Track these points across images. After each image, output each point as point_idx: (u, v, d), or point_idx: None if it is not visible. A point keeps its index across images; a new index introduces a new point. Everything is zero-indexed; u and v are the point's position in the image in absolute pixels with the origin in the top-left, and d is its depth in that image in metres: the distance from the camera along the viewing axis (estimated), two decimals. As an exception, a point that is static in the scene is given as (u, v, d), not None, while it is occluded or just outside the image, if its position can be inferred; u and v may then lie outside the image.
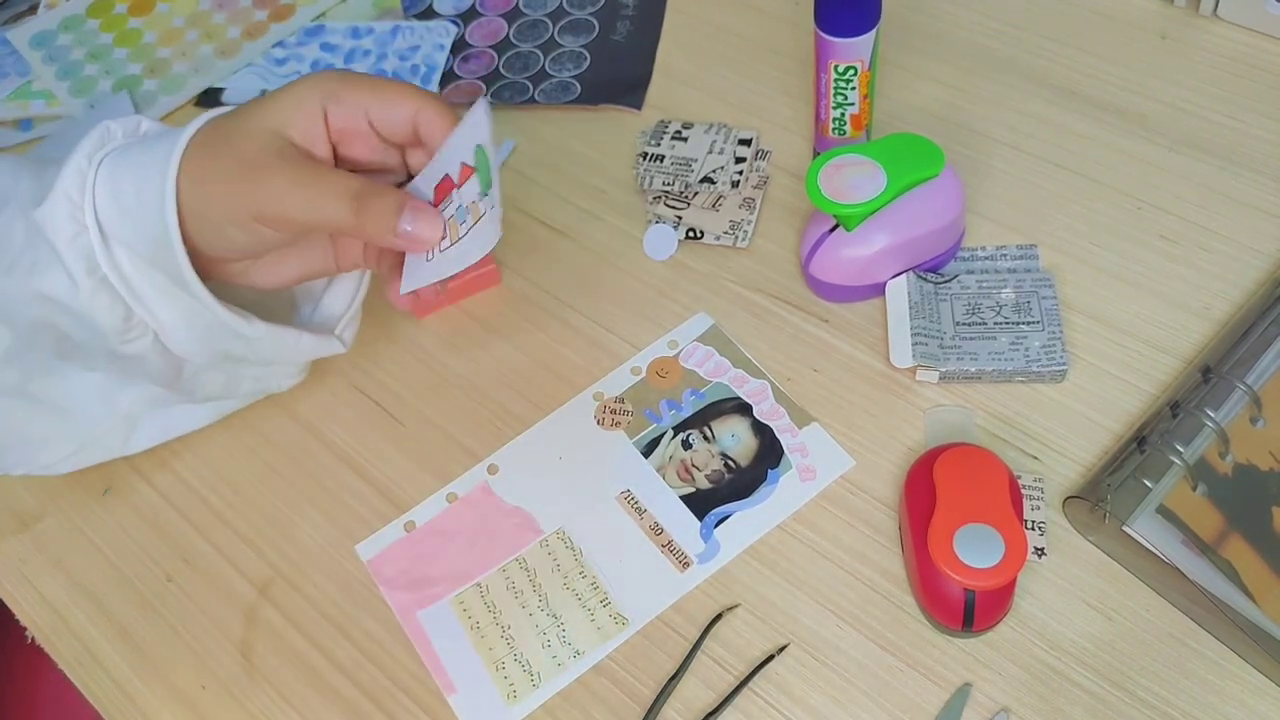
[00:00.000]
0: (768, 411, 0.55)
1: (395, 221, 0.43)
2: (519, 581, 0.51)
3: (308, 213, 0.42)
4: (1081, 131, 0.64)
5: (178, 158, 0.43)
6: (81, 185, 0.43)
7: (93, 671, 0.51)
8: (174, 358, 0.48)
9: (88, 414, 0.51)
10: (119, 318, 0.45)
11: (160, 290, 0.45)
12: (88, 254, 0.43)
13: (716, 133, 0.65)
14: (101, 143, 0.45)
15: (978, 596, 0.45)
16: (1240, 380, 0.49)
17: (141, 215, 0.43)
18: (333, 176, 0.43)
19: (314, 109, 0.44)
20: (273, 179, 0.42)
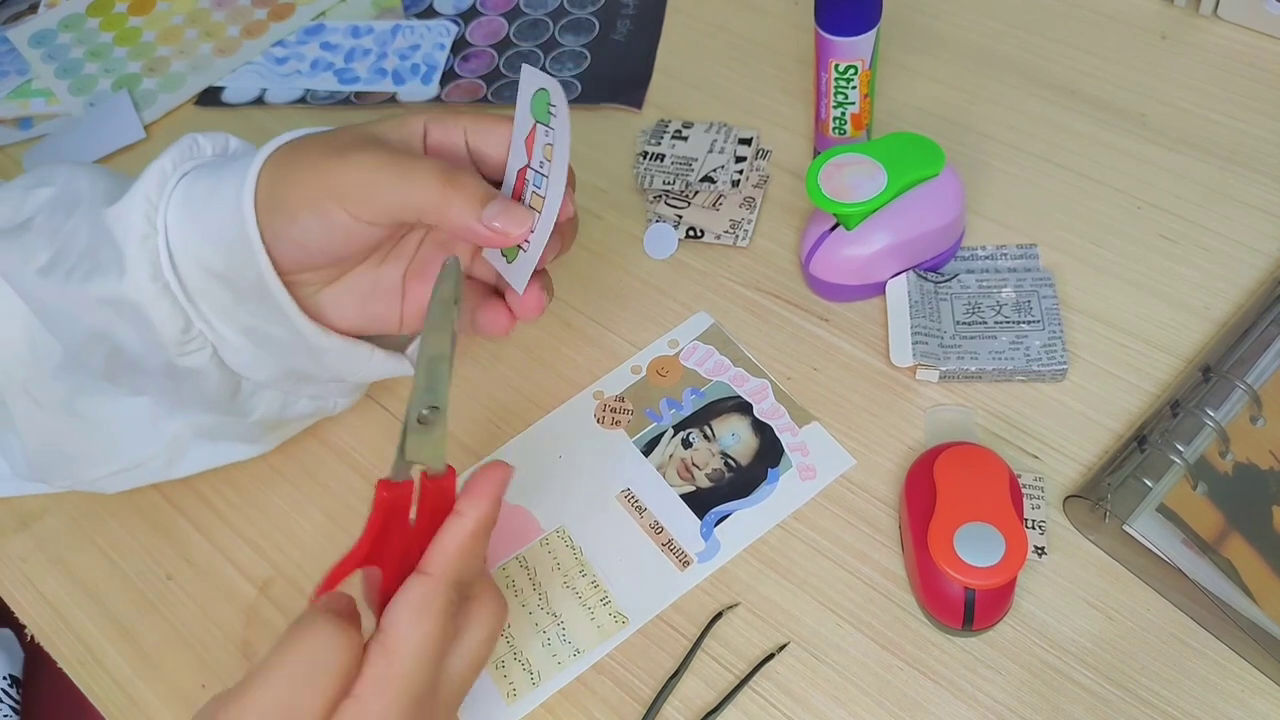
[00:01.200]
0: (768, 410, 0.55)
1: (480, 208, 0.41)
2: (519, 580, 0.51)
3: (394, 188, 0.41)
4: (1081, 131, 0.64)
5: (266, 151, 0.42)
6: (161, 186, 0.43)
7: (93, 670, 0.51)
8: (231, 374, 0.47)
9: (132, 438, 0.50)
10: (178, 328, 0.43)
11: (222, 310, 0.44)
12: (154, 258, 0.42)
13: (717, 132, 0.65)
14: (190, 154, 0.44)
15: (978, 595, 0.45)
16: (1240, 379, 0.49)
17: (214, 216, 0.42)
18: (417, 161, 0.42)
19: (415, 127, 0.44)
20: (360, 156, 0.41)
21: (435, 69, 0.74)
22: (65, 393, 0.48)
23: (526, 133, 0.43)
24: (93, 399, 0.48)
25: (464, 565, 0.39)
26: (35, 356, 0.47)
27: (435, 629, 0.37)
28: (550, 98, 0.42)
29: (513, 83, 0.73)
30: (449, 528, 0.39)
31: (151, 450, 0.50)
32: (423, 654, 0.37)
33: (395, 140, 0.43)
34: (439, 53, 0.75)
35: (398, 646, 0.37)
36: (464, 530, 0.39)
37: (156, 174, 0.43)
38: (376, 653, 0.37)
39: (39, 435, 0.49)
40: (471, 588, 0.40)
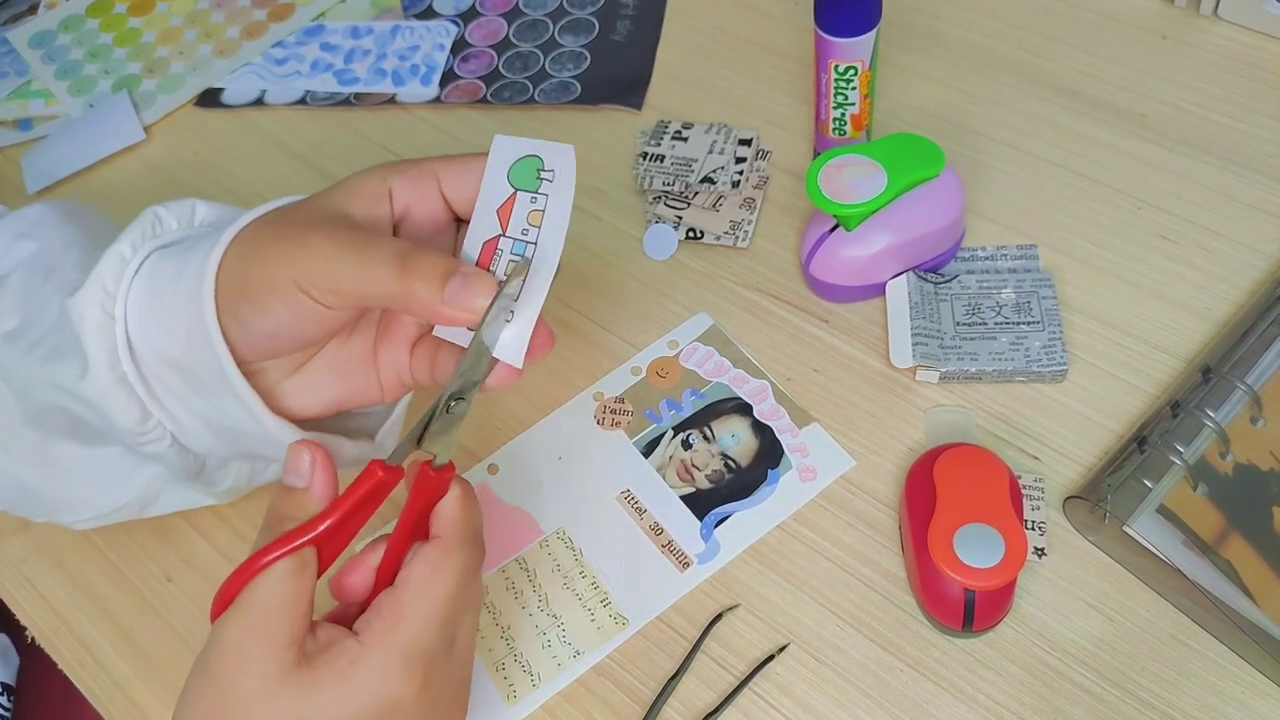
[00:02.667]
0: (768, 411, 0.55)
1: (441, 286, 0.38)
2: (519, 582, 0.51)
3: (352, 276, 0.38)
4: (1081, 131, 0.64)
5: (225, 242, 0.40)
6: (119, 275, 0.41)
7: (93, 672, 0.51)
8: (193, 456, 0.45)
9: (105, 486, 0.49)
10: (134, 419, 0.42)
11: (181, 399, 0.42)
12: (110, 348, 0.41)
13: (716, 133, 0.65)
14: (152, 232, 0.42)
15: (978, 596, 0.45)
16: (1240, 380, 0.49)
17: (175, 308, 0.40)
18: (381, 240, 0.39)
19: (378, 190, 0.41)
20: (321, 242, 0.38)
21: (435, 70, 0.74)
22: (36, 442, 0.47)
23: (500, 203, 0.41)
24: (64, 448, 0.48)
25: (470, 525, 0.39)
26: (3, 407, 0.46)
27: (451, 587, 0.37)
28: (543, 163, 0.40)
29: (513, 83, 0.73)
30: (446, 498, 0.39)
31: (125, 499, 0.50)
32: (435, 610, 0.37)
33: (361, 212, 0.40)
34: (438, 53, 0.75)
35: (410, 598, 0.37)
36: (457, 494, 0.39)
37: (115, 260, 0.41)
38: (387, 604, 0.37)
39: (12, 484, 0.49)
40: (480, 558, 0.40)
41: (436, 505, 0.39)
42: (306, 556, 0.36)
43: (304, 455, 0.38)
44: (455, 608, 0.38)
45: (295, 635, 0.35)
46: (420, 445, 0.38)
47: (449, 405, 0.39)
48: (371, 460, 0.38)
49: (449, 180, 0.41)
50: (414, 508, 0.38)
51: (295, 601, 0.36)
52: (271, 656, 0.35)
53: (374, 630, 0.36)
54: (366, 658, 0.36)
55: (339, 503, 0.37)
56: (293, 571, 0.36)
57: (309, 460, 0.38)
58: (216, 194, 0.70)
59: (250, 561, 0.36)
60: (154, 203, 0.44)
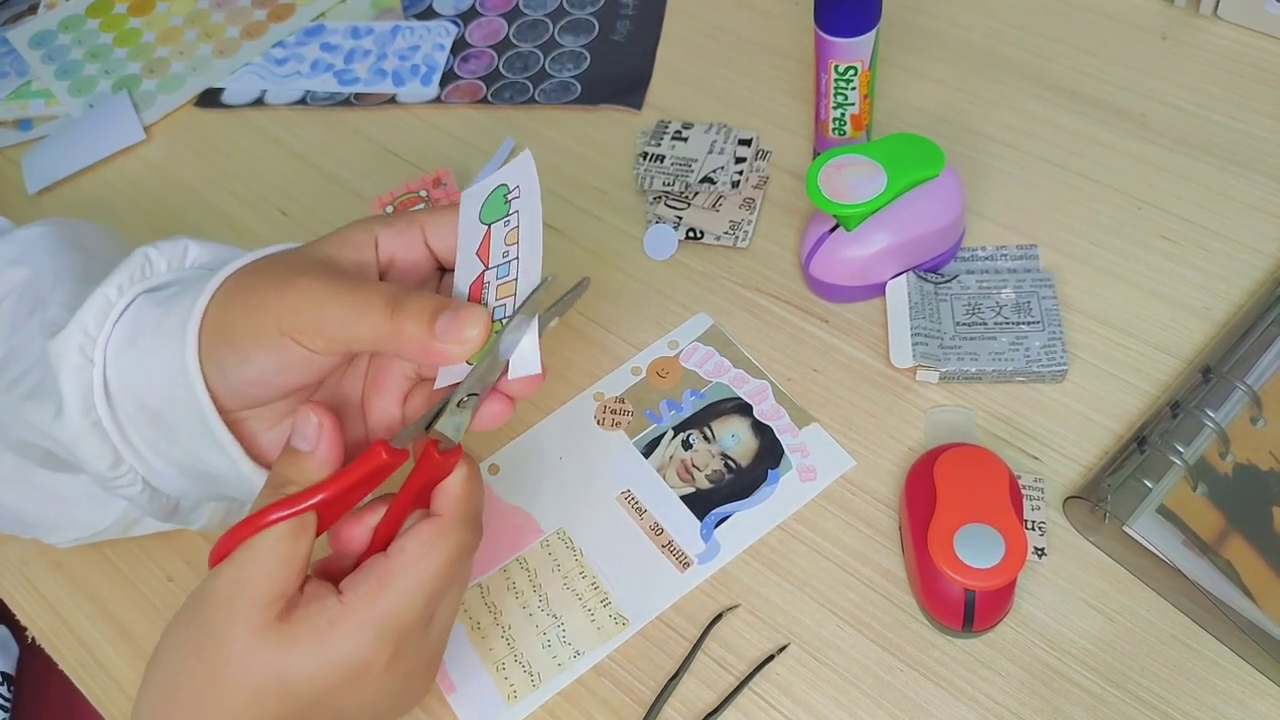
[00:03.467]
0: (768, 412, 0.55)
1: (431, 324, 0.37)
2: (519, 582, 0.51)
3: (342, 320, 0.38)
4: (1081, 131, 0.64)
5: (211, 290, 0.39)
6: (102, 319, 0.40)
7: (94, 672, 0.51)
8: (166, 497, 0.45)
9: (88, 508, 0.49)
10: (106, 465, 0.41)
11: (155, 448, 0.41)
12: (85, 392, 0.40)
13: (716, 133, 0.65)
14: (141, 274, 0.42)
15: (978, 596, 0.45)
16: (1240, 380, 0.49)
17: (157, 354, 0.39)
18: (369, 283, 0.39)
19: (364, 239, 0.41)
20: (309, 285, 0.38)
21: (435, 70, 0.74)
22: (17, 465, 0.47)
23: (478, 244, 0.40)
24: (45, 474, 0.48)
25: (471, 505, 0.39)
26: None
27: (441, 567, 0.38)
28: (508, 188, 0.40)
29: (513, 83, 0.73)
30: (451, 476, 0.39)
31: (106, 522, 0.50)
32: (420, 585, 0.37)
33: (348, 259, 0.40)
34: (439, 54, 0.75)
35: (399, 569, 0.37)
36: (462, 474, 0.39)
37: (100, 303, 0.40)
38: (375, 570, 0.37)
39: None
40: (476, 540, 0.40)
41: (441, 482, 0.39)
42: (307, 520, 0.37)
43: (311, 419, 0.38)
44: (441, 586, 0.38)
45: (284, 592, 0.36)
46: (428, 431, 0.39)
47: (461, 401, 0.39)
48: (376, 440, 0.38)
49: (433, 231, 0.41)
50: (415, 483, 0.39)
51: (288, 561, 0.36)
52: (257, 610, 0.36)
53: (357, 594, 0.37)
54: (344, 619, 0.36)
55: (339, 476, 0.38)
56: (291, 533, 0.36)
57: (316, 425, 0.38)
58: (216, 194, 0.70)
59: (252, 519, 0.36)
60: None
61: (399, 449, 0.38)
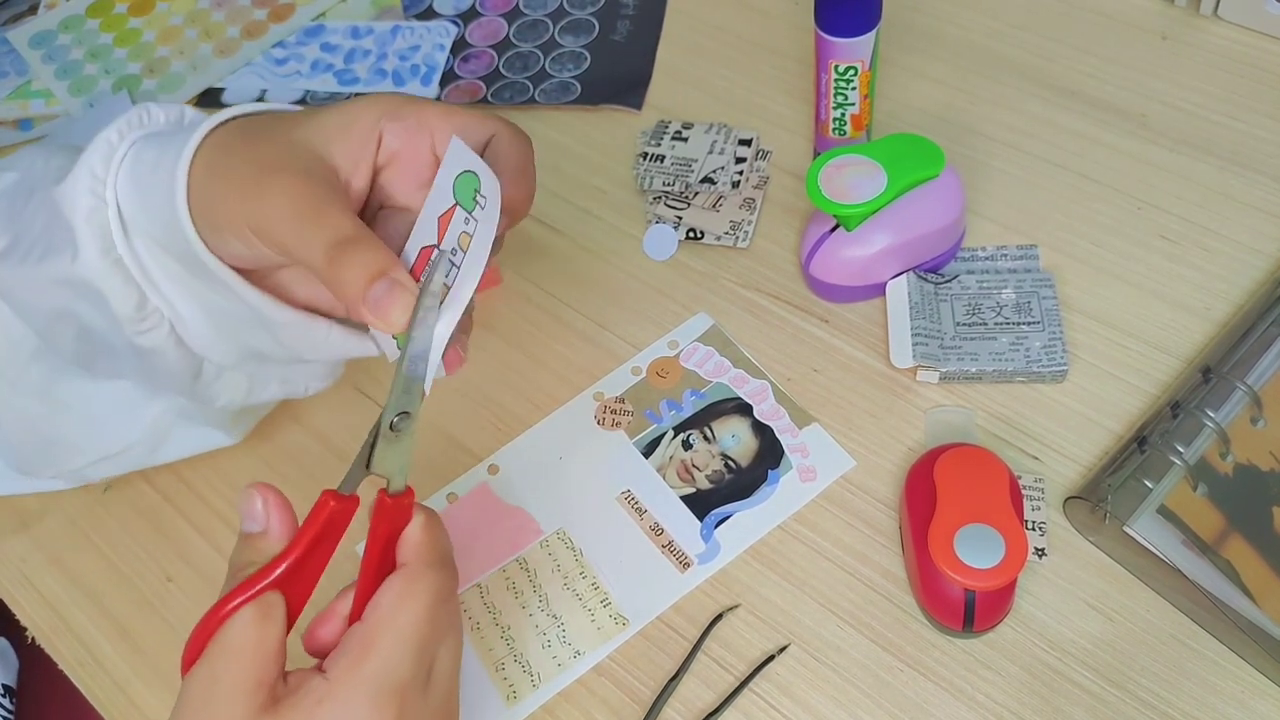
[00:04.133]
0: (768, 412, 0.55)
1: (365, 288, 0.36)
2: (519, 582, 0.51)
3: (291, 244, 0.37)
4: (1081, 131, 0.64)
5: (195, 141, 0.39)
6: (107, 160, 0.41)
7: (93, 671, 0.51)
8: (192, 355, 0.45)
9: (114, 422, 0.49)
10: (132, 305, 0.42)
11: (176, 279, 0.42)
12: (104, 232, 0.41)
13: (716, 133, 0.65)
14: (139, 123, 0.42)
15: (978, 597, 0.45)
16: (1240, 380, 0.49)
17: (157, 199, 0.39)
18: (331, 213, 0.37)
19: (368, 130, 0.39)
20: (275, 197, 0.37)
21: (435, 70, 0.74)
22: (43, 378, 0.47)
23: (442, 210, 0.39)
24: (72, 384, 0.48)
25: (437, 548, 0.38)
26: (9, 343, 0.46)
27: (421, 612, 0.36)
28: (480, 186, 0.38)
29: (513, 83, 0.73)
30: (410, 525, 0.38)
31: (134, 435, 0.49)
32: (403, 639, 0.35)
33: (342, 155, 0.39)
34: (439, 54, 0.75)
35: (377, 628, 0.35)
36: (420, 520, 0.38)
37: (103, 146, 0.41)
38: (354, 638, 0.35)
39: (20, 423, 0.48)
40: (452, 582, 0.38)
41: (401, 533, 0.38)
42: (270, 600, 0.35)
43: (256, 499, 0.37)
44: (428, 635, 0.36)
45: (263, 679, 0.34)
46: (370, 469, 0.37)
47: (392, 424, 0.37)
48: (323, 491, 0.36)
49: (441, 141, 0.40)
50: (376, 539, 0.37)
51: (259, 645, 0.34)
52: (238, 702, 0.33)
53: (340, 666, 0.35)
54: (333, 694, 0.34)
55: (296, 540, 0.36)
56: (256, 616, 0.34)
57: (261, 503, 0.37)
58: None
59: (213, 612, 0.35)
60: None
61: (347, 495, 0.36)
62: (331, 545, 0.37)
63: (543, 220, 0.64)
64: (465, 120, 0.41)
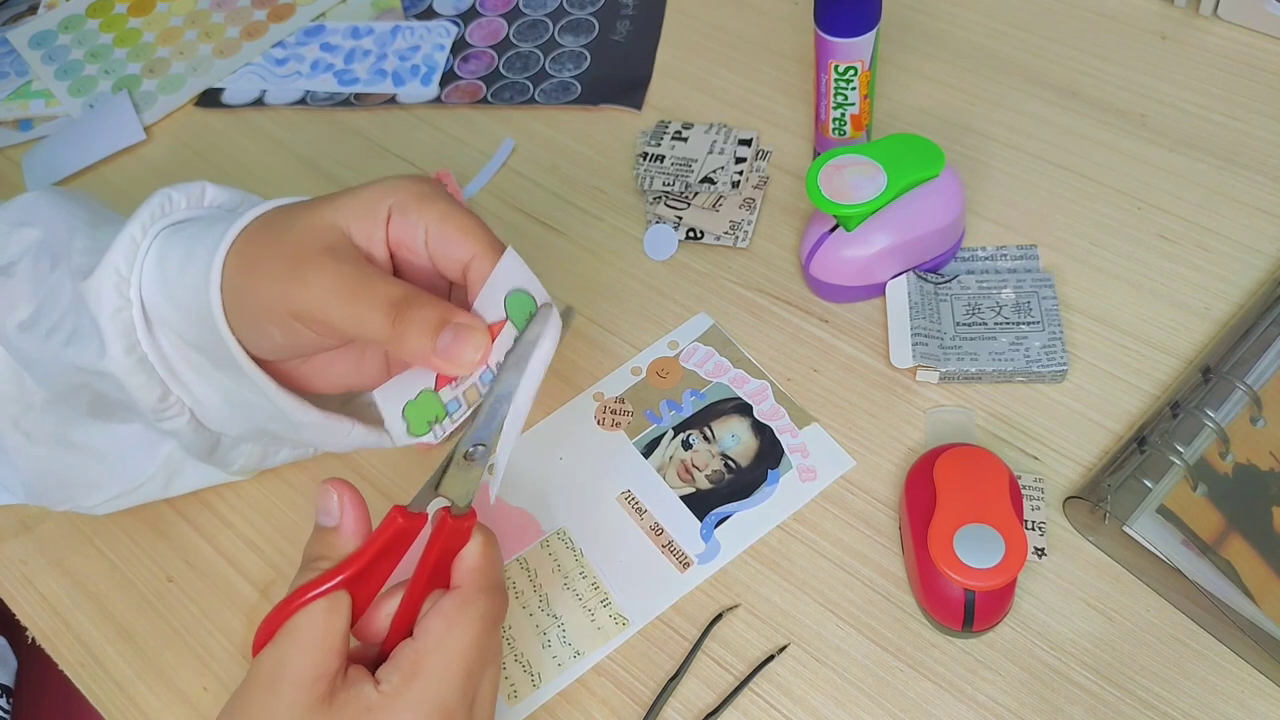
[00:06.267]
0: (768, 412, 0.55)
1: (433, 339, 0.37)
2: (519, 582, 0.51)
3: (345, 319, 0.38)
4: (1081, 131, 0.64)
5: (228, 242, 0.40)
6: (131, 258, 0.41)
7: (94, 673, 0.51)
8: (209, 433, 0.46)
9: (128, 462, 0.50)
10: (155, 397, 0.42)
11: (200, 372, 0.43)
12: (128, 330, 0.41)
13: (716, 133, 0.65)
14: (162, 212, 0.42)
15: (978, 597, 0.45)
16: (1240, 380, 0.49)
17: (185, 297, 0.40)
18: (376, 282, 0.38)
19: (380, 211, 0.40)
20: (316, 277, 0.38)
21: (435, 70, 0.74)
22: (56, 425, 0.48)
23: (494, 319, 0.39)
24: (85, 428, 0.48)
25: (491, 574, 0.39)
26: (23, 393, 0.47)
27: (471, 639, 0.37)
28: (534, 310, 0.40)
29: (513, 83, 0.73)
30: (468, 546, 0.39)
31: (148, 472, 0.50)
32: (453, 663, 0.36)
33: (361, 234, 0.40)
34: (439, 54, 0.75)
35: (429, 650, 0.36)
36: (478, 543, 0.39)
37: (127, 244, 0.41)
38: (406, 656, 0.36)
39: (34, 468, 0.49)
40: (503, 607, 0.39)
41: (458, 553, 0.39)
42: (339, 597, 0.36)
43: (332, 495, 0.39)
44: (475, 660, 0.37)
45: (326, 670, 0.35)
46: (438, 491, 0.38)
47: (467, 453, 0.38)
48: (393, 506, 0.38)
49: (433, 248, 0.40)
50: (431, 554, 0.38)
51: (326, 638, 0.36)
52: (301, 689, 0.35)
53: (391, 683, 0.36)
54: (381, 709, 0.35)
55: (364, 548, 0.37)
56: (325, 610, 0.36)
57: (337, 499, 0.39)
58: (217, 194, 0.70)
59: (288, 600, 0.36)
60: None
61: (415, 513, 0.38)
62: (396, 558, 0.38)
63: (543, 220, 0.64)
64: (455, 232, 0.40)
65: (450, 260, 0.40)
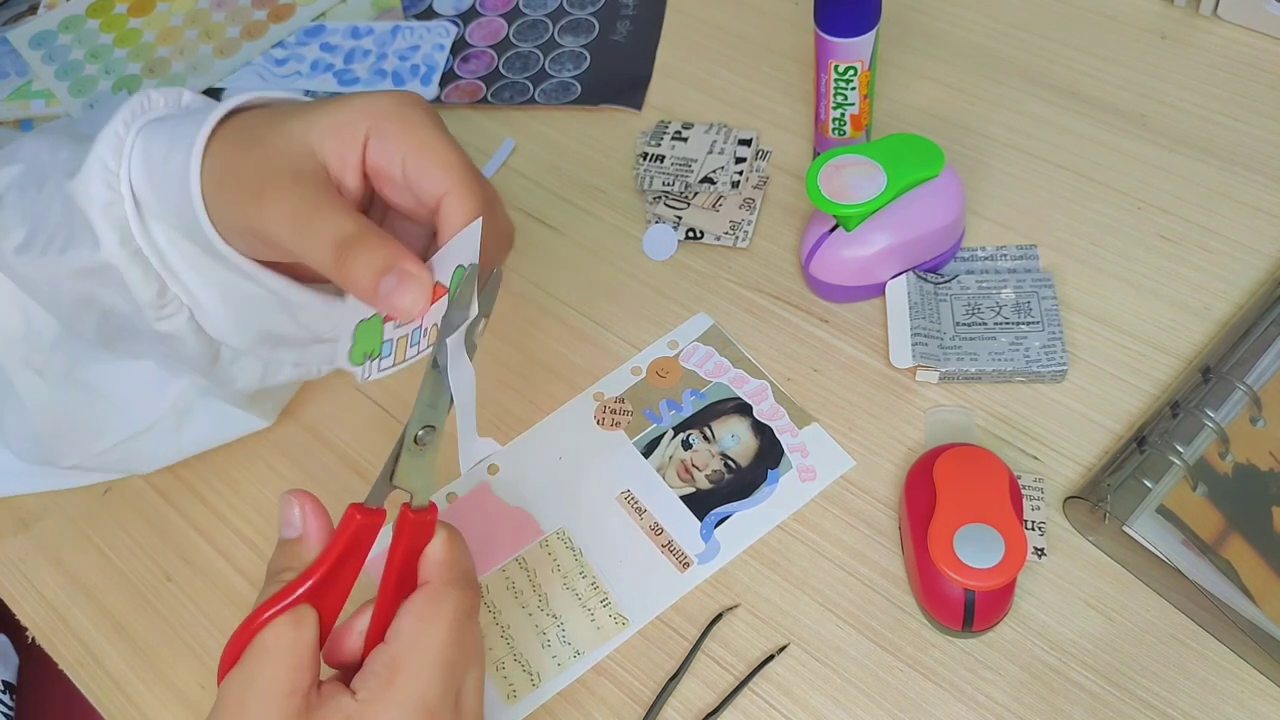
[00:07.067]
0: (768, 412, 0.55)
1: (376, 280, 0.37)
2: (519, 582, 0.51)
3: (296, 246, 0.38)
4: (1081, 131, 0.64)
5: (204, 135, 0.40)
6: (117, 151, 0.41)
7: (92, 670, 0.51)
8: (210, 341, 0.46)
9: (137, 402, 0.50)
10: (153, 292, 0.43)
11: (194, 264, 0.43)
12: (121, 223, 0.41)
13: (716, 133, 0.65)
14: (141, 109, 0.43)
15: (978, 597, 0.45)
16: (1240, 380, 0.49)
17: (170, 185, 0.40)
18: (330, 214, 0.38)
19: (356, 133, 0.39)
20: (275, 201, 0.38)
21: (435, 70, 0.74)
22: (67, 362, 0.48)
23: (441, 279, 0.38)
24: (95, 366, 0.48)
25: (459, 566, 0.38)
26: (31, 330, 0.47)
27: (446, 634, 0.36)
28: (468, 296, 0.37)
29: (513, 83, 0.73)
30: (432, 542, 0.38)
31: (157, 413, 0.50)
32: (432, 660, 0.35)
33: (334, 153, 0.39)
34: (438, 54, 0.75)
35: (404, 649, 0.35)
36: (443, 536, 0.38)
37: (111, 139, 0.41)
38: (381, 660, 0.35)
39: (45, 408, 0.49)
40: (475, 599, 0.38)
41: (423, 550, 0.38)
42: (303, 610, 0.35)
43: (294, 506, 0.38)
44: (455, 656, 0.36)
45: (298, 685, 0.34)
46: (393, 482, 0.37)
47: (416, 437, 0.37)
48: (350, 505, 0.36)
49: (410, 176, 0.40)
50: (396, 553, 0.37)
51: (295, 652, 0.34)
52: (272, 705, 0.34)
53: (370, 689, 0.35)
54: (363, 716, 0.34)
55: (326, 553, 0.36)
56: (291, 625, 0.35)
57: (298, 509, 0.38)
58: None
59: (251, 619, 0.35)
60: None
61: (373, 508, 0.37)
62: (360, 558, 0.37)
63: (542, 220, 0.64)
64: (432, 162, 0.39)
65: (425, 193, 0.39)
